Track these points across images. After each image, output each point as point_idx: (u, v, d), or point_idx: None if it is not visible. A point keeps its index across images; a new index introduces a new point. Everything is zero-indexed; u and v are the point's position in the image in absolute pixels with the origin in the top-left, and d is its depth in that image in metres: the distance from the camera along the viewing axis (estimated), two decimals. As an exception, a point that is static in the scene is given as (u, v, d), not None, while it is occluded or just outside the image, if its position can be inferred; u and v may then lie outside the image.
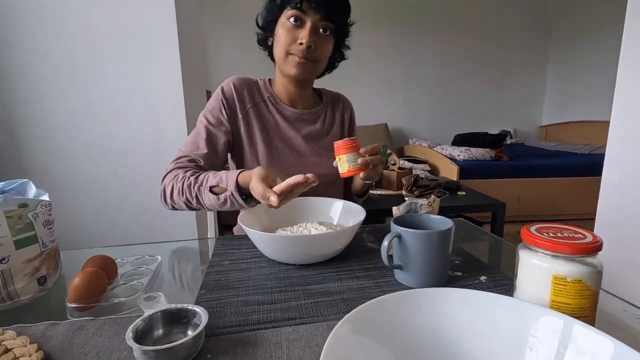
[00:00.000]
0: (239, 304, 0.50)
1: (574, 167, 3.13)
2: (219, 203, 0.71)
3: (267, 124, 0.88)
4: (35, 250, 0.53)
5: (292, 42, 0.78)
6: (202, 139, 0.82)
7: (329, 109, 0.98)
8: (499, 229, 2.11)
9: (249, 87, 0.88)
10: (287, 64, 0.81)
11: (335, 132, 0.97)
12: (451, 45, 4.15)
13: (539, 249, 0.37)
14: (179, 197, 0.75)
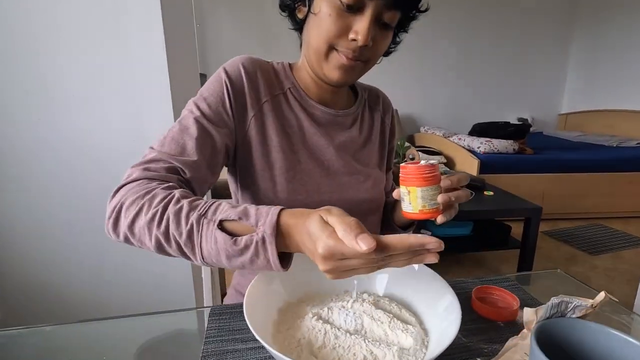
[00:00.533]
0: None
1: (602, 161, 2.87)
2: (232, 250, 0.40)
3: (288, 127, 0.61)
4: None
5: (342, 33, 0.52)
6: (190, 139, 0.52)
7: (366, 109, 0.71)
8: (532, 237, 1.86)
9: (266, 73, 0.60)
10: (327, 62, 0.55)
11: (375, 142, 0.71)
12: (467, 25, 3.80)
13: None
14: (151, 227, 0.42)
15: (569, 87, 4.21)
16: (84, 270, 1.15)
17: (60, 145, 1.05)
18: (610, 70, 3.71)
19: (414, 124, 3.99)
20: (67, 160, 1.07)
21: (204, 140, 0.53)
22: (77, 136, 1.06)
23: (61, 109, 1.04)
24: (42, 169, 1.06)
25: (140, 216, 0.43)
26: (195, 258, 0.43)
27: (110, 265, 1.16)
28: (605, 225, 2.78)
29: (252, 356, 0.42)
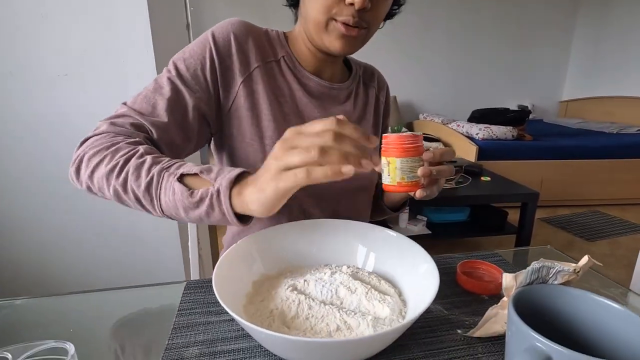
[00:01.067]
0: None
1: (601, 148, 2.84)
2: (190, 201, 0.39)
3: (281, 96, 0.58)
4: None
5: (338, 1, 0.49)
6: (162, 99, 0.50)
7: (361, 84, 0.69)
8: (529, 222, 1.85)
9: (257, 38, 0.57)
10: (327, 34, 0.52)
11: (369, 118, 0.68)
12: (468, 12, 3.72)
13: None
14: (109, 178, 0.42)
15: (570, 75, 4.14)
16: (71, 247, 1.13)
17: (41, 124, 1.02)
18: (611, 58, 3.65)
19: (413, 111, 3.94)
20: (46, 138, 1.04)
21: (176, 102, 0.50)
22: (57, 113, 1.03)
23: (43, 89, 1.01)
24: (22, 147, 1.04)
25: (100, 167, 0.43)
26: (154, 210, 0.42)
27: (99, 244, 1.15)
28: (603, 212, 2.77)
29: (225, 328, 0.40)
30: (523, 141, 2.89)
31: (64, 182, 1.06)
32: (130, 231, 1.14)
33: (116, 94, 1.04)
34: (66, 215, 1.10)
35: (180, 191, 0.39)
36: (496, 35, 3.86)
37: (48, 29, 0.97)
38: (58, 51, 0.99)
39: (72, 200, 1.08)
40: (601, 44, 3.75)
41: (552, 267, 0.31)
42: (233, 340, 0.39)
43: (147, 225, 1.14)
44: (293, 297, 0.39)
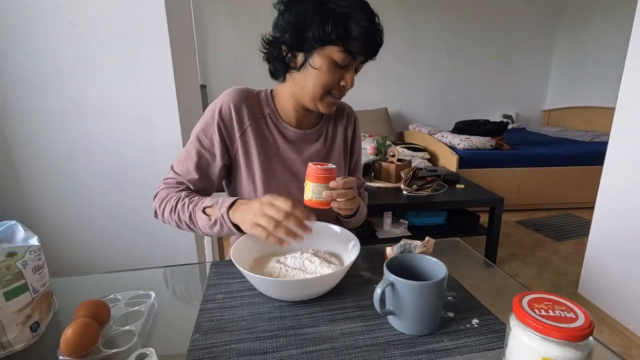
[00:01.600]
0: (231, 353, 0.51)
1: (574, 156, 3.11)
2: (210, 224, 0.70)
3: (266, 144, 0.82)
4: (25, 298, 0.53)
5: (336, 82, 0.74)
6: (192, 163, 0.79)
7: (331, 124, 0.91)
8: (496, 224, 2.12)
9: (249, 102, 0.81)
10: (321, 102, 0.76)
11: (337, 150, 0.91)
12: (454, 25, 4.01)
13: (530, 329, 0.37)
14: (170, 216, 0.75)
15: (552, 85, 4.41)
16: (104, 238, 1.42)
17: (86, 146, 1.32)
18: (589, 70, 3.91)
19: (403, 122, 4.22)
20: (94, 158, 1.34)
21: (202, 164, 0.80)
22: (103, 141, 1.33)
23: (88, 120, 1.30)
24: (75, 164, 1.33)
25: (165, 211, 0.76)
26: (197, 230, 0.73)
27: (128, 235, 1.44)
28: (576, 215, 3.02)
29: (237, 286, 0.68)
30: (501, 150, 3.16)
31: (101, 191, 1.34)
32: (156, 229, 1.42)
33: (144, 127, 1.33)
34: (103, 216, 1.39)
35: (203, 219, 0.71)
36: (481, 51, 4.14)
37: (95, 76, 1.27)
38: (102, 94, 1.29)
39: (107, 203, 1.38)
40: (579, 58, 4.02)
41: (411, 244, 0.59)
42: (242, 290, 0.66)
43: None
44: (277, 265, 0.67)
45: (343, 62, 0.71)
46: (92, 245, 1.40)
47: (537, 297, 0.40)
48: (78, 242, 1.39)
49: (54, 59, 1.22)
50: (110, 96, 1.28)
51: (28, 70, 1.22)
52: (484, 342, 0.52)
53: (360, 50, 0.71)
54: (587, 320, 0.36)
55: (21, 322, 0.52)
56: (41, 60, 1.22)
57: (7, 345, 0.51)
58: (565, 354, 0.35)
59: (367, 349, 0.51)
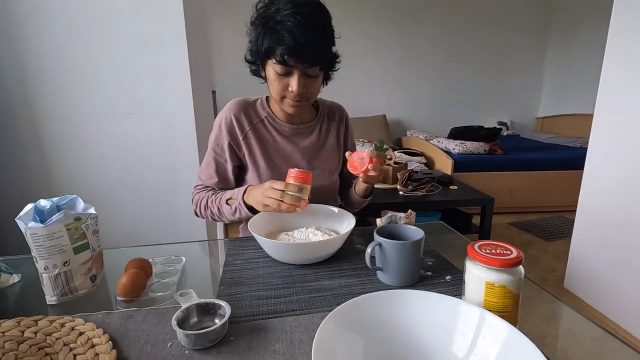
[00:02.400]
0: (251, 298, 0.64)
1: (564, 160, 3.25)
2: (232, 212, 0.87)
3: (266, 142, 0.97)
4: (87, 254, 0.66)
5: (284, 88, 0.84)
6: (212, 169, 0.96)
7: (324, 120, 1.04)
8: (487, 222, 2.24)
9: (247, 110, 0.96)
10: (282, 104, 0.89)
11: (331, 143, 1.04)
12: (449, 35, 4.20)
13: (478, 262, 0.50)
14: (205, 212, 0.94)
15: (545, 93, 4.58)
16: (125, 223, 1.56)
17: (112, 143, 1.46)
18: (580, 78, 4.08)
19: (401, 128, 4.38)
20: (122, 156, 1.48)
21: (219, 168, 0.97)
22: (127, 140, 1.47)
23: (116, 123, 1.45)
24: (102, 160, 1.48)
25: (201, 209, 0.95)
26: (225, 220, 0.93)
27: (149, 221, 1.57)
28: (566, 217, 3.15)
29: (252, 254, 0.81)
30: (495, 155, 3.30)
31: (125, 183, 1.48)
32: (172, 216, 1.56)
33: (164, 128, 1.48)
34: (127, 205, 1.53)
35: (226, 209, 0.89)
36: (476, 60, 4.32)
37: (121, 81, 1.42)
38: (125, 96, 1.43)
39: (131, 194, 1.51)
40: (570, 66, 4.19)
41: (397, 215, 0.72)
42: (257, 258, 0.80)
43: (183, 202, 1.56)
44: (285, 237, 0.80)
45: (281, 71, 0.81)
46: (118, 230, 1.53)
47: (485, 243, 0.53)
48: (105, 229, 1.52)
49: (86, 66, 1.37)
50: (133, 99, 1.43)
51: (64, 75, 1.37)
52: (453, 291, 0.65)
53: (292, 59, 0.77)
54: (519, 254, 0.50)
55: (84, 273, 0.65)
56: (75, 67, 1.37)
57: (74, 290, 0.64)
58: (500, 277, 0.48)
59: (359, 295, 0.64)
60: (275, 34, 0.77)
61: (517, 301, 0.50)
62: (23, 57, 1.34)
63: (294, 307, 0.61)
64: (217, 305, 0.56)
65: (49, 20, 1.32)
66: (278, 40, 0.77)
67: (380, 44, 4.11)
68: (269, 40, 0.78)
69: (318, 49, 0.79)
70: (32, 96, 1.37)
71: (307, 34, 0.76)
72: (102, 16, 1.34)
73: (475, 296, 0.51)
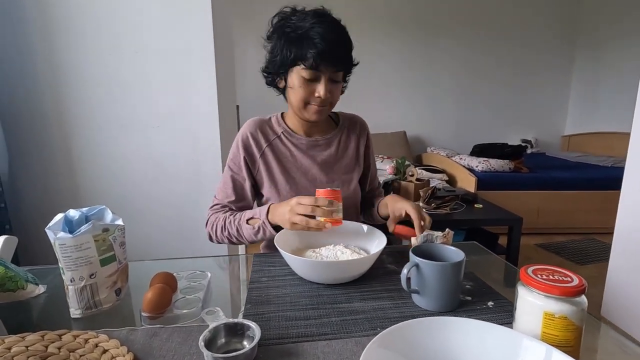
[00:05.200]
0: (279, 319, 0.60)
1: (595, 180, 3.11)
2: (254, 232, 0.84)
3: (284, 158, 0.95)
4: (114, 267, 0.64)
5: (310, 94, 0.84)
6: (229, 188, 0.95)
7: (344, 132, 1.02)
8: (515, 243, 2.14)
9: (263, 128, 0.96)
10: (306, 111, 0.87)
11: (350, 155, 1.01)
12: (472, 50, 4.15)
13: (534, 289, 0.45)
14: (222, 234, 0.90)
15: (571, 110, 4.45)
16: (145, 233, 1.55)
17: (137, 155, 1.48)
18: (609, 95, 3.95)
19: (422, 145, 4.32)
20: (147, 168, 1.49)
21: (237, 186, 0.96)
22: (153, 151, 1.49)
23: (143, 134, 1.47)
24: (127, 170, 1.49)
25: (217, 231, 0.91)
26: (246, 241, 0.90)
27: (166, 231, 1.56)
28: (598, 239, 2.99)
29: (278, 272, 0.78)
30: (520, 173, 3.19)
31: (147, 195, 1.48)
32: (193, 230, 1.55)
33: (189, 141, 1.49)
34: (149, 218, 1.53)
35: (247, 229, 0.86)
36: (499, 76, 4.25)
37: (150, 94, 1.44)
38: (152, 109, 1.46)
39: (153, 207, 1.51)
40: (599, 83, 4.07)
41: (433, 234, 0.68)
42: (283, 275, 0.76)
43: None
44: (312, 254, 0.77)
45: (310, 77, 0.82)
46: (141, 242, 1.53)
47: (540, 268, 0.49)
48: (129, 241, 1.53)
49: (117, 78, 1.41)
50: (160, 112, 1.45)
51: (93, 86, 1.41)
52: (498, 318, 0.60)
53: (322, 64, 0.79)
54: (581, 281, 0.45)
55: (109, 286, 0.64)
56: (106, 78, 1.41)
57: (98, 303, 0.62)
58: (562, 307, 0.43)
59: (395, 320, 0.60)
60: (305, 40, 0.79)
61: (580, 335, 0.45)
62: (56, 67, 1.38)
63: (326, 330, 0.57)
64: (246, 326, 0.52)
65: (83, 33, 1.37)
66: (309, 45, 0.78)
67: (402, 60, 4.11)
68: (298, 46, 0.80)
69: (345, 53, 0.83)
70: (63, 105, 1.41)
71: (337, 38, 0.80)
72: (134, 30, 1.38)
73: (530, 327, 0.46)
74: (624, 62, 3.74)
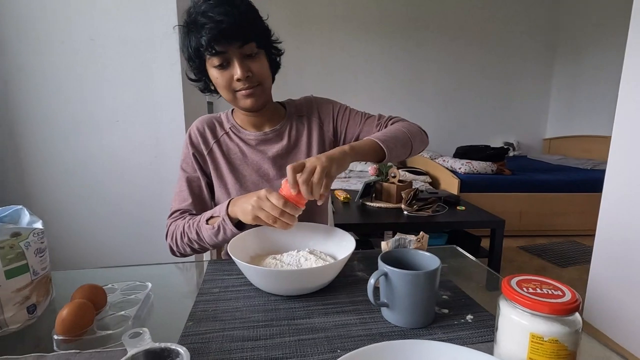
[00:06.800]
0: (223, 340, 0.51)
1: (576, 182, 3.12)
2: (214, 232, 0.74)
3: (232, 154, 0.89)
4: (25, 279, 0.54)
5: (230, 81, 0.77)
6: (185, 191, 0.88)
7: (293, 120, 0.92)
8: (498, 246, 2.09)
9: (211, 125, 0.90)
10: (237, 100, 0.80)
11: (304, 142, 0.90)
12: (455, 55, 4.17)
13: (518, 306, 0.37)
14: (182, 242, 0.81)
15: (551, 114, 4.50)
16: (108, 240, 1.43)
17: (95, 153, 1.36)
18: (587, 99, 4.01)
19: (405, 147, 4.28)
20: (101, 164, 1.37)
21: (192, 188, 0.89)
22: (110, 150, 1.37)
23: (98, 128, 1.35)
24: (83, 170, 1.37)
25: (177, 240, 0.83)
26: (207, 246, 0.80)
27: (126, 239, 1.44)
28: (579, 242, 2.99)
29: (233, 282, 0.68)
30: (503, 175, 3.18)
31: (105, 196, 1.37)
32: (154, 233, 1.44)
33: (151, 137, 1.37)
34: (106, 219, 1.41)
35: (207, 229, 0.76)
36: (482, 79, 4.28)
37: (109, 86, 1.33)
38: (113, 104, 1.34)
39: (110, 207, 1.39)
40: (577, 88, 4.12)
41: (406, 238, 0.60)
42: (238, 285, 0.67)
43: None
44: (272, 262, 0.67)
45: (220, 62, 0.75)
46: (92, 247, 1.41)
47: (525, 279, 0.41)
48: (78, 245, 1.39)
49: (72, 69, 1.29)
50: (120, 107, 1.33)
51: (46, 77, 1.28)
52: (478, 335, 0.52)
53: (219, 45, 0.72)
54: (574, 296, 0.37)
55: (19, 302, 0.53)
56: (60, 69, 1.28)
57: (2, 324, 0.51)
58: (552, 329, 0.36)
59: (360, 339, 0.51)
60: (197, 27, 0.72)
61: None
62: (1, 57, 1.25)
63: (276, 353, 0.48)
64: (174, 352, 0.43)
65: (32, 20, 1.24)
66: (201, 31, 0.72)
67: (385, 63, 4.09)
68: (194, 37, 0.74)
69: (242, 22, 0.73)
70: (10, 97, 1.28)
71: (225, 12, 0.71)
72: (88, 16, 1.26)
73: (514, 350, 0.38)
74: (601, 68, 3.79)
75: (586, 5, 3.94)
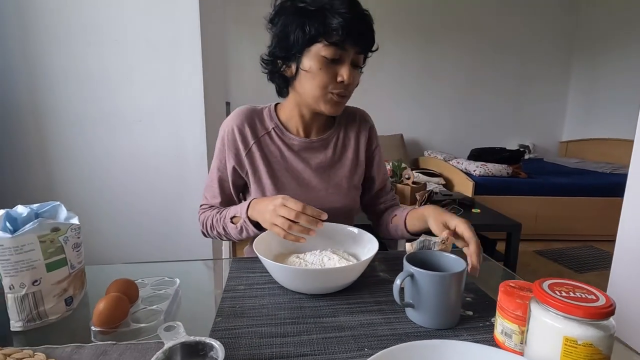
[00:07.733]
0: (252, 335, 0.52)
1: (594, 186, 3.05)
2: (237, 231, 0.76)
3: (272, 158, 0.84)
4: (64, 272, 0.56)
5: (331, 79, 0.73)
6: (215, 187, 0.87)
7: (342, 131, 0.90)
8: (514, 250, 2.07)
9: (251, 121, 0.84)
10: (324, 102, 0.76)
11: (350, 158, 0.89)
12: (471, 55, 4.12)
13: (551, 309, 0.38)
14: (212, 232, 0.85)
15: (569, 117, 4.41)
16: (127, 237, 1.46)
17: (118, 152, 1.40)
18: (606, 102, 3.92)
19: (419, 148, 4.26)
20: (128, 164, 1.41)
21: (223, 186, 0.88)
22: (134, 148, 1.40)
23: (121, 127, 1.38)
24: (106, 168, 1.40)
25: (207, 229, 0.85)
26: (232, 238, 0.82)
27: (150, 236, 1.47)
28: (596, 247, 2.93)
29: (257, 279, 0.70)
30: (518, 178, 3.13)
31: (127, 194, 1.40)
32: (176, 231, 1.47)
33: (173, 137, 1.40)
34: (128, 217, 1.44)
35: (232, 228, 0.79)
36: (497, 81, 4.21)
37: (131, 87, 1.36)
38: (135, 104, 1.37)
39: (133, 206, 1.43)
40: (596, 90, 4.03)
41: (430, 240, 0.60)
42: (263, 283, 0.68)
43: (189, 214, 1.46)
44: (295, 260, 0.68)
45: (333, 56, 0.71)
46: (112, 243, 1.44)
47: (557, 282, 0.41)
48: (99, 241, 1.43)
49: (96, 70, 1.32)
50: (144, 107, 1.36)
51: (71, 78, 1.32)
52: (504, 338, 0.52)
53: (347, 39, 0.69)
54: (608, 300, 0.37)
55: (58, 294, 0.55)
56: (84, 70, 1.32)
57: (43, 315, 0.54)
58: (587, 332, 0.36)
59: (386, 339, 0.52)
60: (327, 12, 0.69)
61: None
62: (31, 57, 1.30)
63: (305, 350, 0.49)
64: (209, 345, 0.44)
65: (59, 21, 1.28)
66: (334, 16, 0.68)
67: (401, 63, 4.06)
68: (319, 20, 0.69)
69: (371, 31, 0.73)
70: (39, 96, 1.32)
71: (358, 11, 0.71)
72: (114, 18, 1.30)
73: (545, 353, 0.38)
74: (621, 71, 3.71)
75: (605, 9, 3.85)
